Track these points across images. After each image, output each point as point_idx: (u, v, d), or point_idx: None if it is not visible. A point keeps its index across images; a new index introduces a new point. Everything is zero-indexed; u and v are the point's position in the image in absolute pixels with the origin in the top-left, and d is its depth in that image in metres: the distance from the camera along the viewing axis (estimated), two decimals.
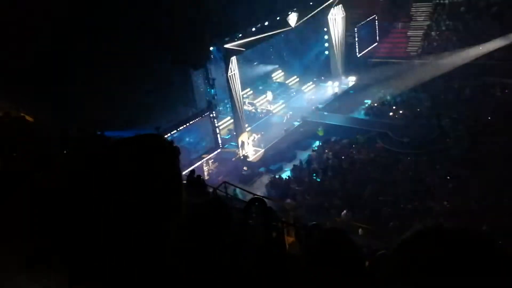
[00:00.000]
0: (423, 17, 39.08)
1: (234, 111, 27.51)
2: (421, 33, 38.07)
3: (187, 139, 25.84)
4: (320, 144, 28.63)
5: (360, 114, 32.34)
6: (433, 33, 37.54)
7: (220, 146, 27.61)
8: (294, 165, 26.32)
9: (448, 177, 22.62)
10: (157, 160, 1.38)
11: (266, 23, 27.86)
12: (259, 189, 24.36)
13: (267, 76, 36.81)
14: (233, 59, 26.22)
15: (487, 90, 31.17)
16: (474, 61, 32.41)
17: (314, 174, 25.04)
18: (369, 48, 38.15)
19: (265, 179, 25.66)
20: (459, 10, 37.70)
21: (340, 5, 33.39)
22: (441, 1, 38.86)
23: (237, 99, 27.09)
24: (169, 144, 1.46)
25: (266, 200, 6.80)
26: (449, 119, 28.40)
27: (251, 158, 27.74)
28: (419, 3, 39.66)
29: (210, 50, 25.55)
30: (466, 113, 28.89)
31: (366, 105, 32.81)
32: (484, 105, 29.34)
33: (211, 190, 14.06)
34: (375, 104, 32.44)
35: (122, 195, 1.25)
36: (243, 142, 27.75)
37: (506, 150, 24.15)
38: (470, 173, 22.68)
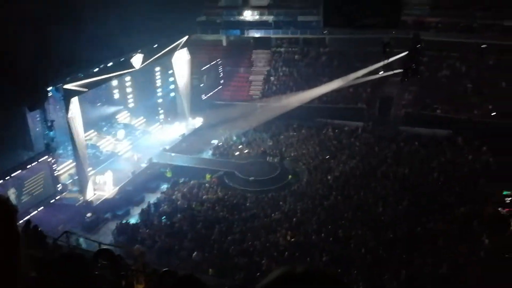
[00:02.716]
0: (262, 63, 41.90)
1: (76, 154, 25.95)
2: (262, 77, 40.69)
3: (22, 185, 23.58)
4: (169, 185, 28.37)
5: (207, 155, 32.97)
6: (272, 78, 40.38)
7: (61, 191, 25.70)
8: (142, 209, 25.60)
9: (291, 212, 23.99)
10: None
11: (110, 64, 27.24)
12: (106, 236, 23.12)
13: (112, 117, 35.71)
14: (74, 99, 24.95)
15: (320, 129, 34.25)
16: (309, 104, 35.53)
17: (164, 217, 24.63)
18: (214, 91, 39.51)
19: (112, 225, 24.44)
20: (294, 58, 41.32)
21: (185, 49, 34.16)
22: (278, 49, 42.20)
23: (79, 141, 25.65)
24: (4, 203, 1.36)
25: (113, 248, 6.50)
26: (279, 157, 30.49)
27: (96, 203, 26.27)
28: (259, 50, 42.54)
29: (48, 91, 23.98)
30: (304, 152, 31.32)
31: (213, 145, 33.62)
32: (320, 143, 32.20)
33: (51, 241, 12.94)
34: (222, 144, 33.42)
35: None
36: (86, 187, 26.23)
37: (337, 183, 26.63)
38: (311, 207, 24.40)
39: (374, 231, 21.44)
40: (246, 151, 32.52)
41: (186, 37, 33.49)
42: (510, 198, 22.48)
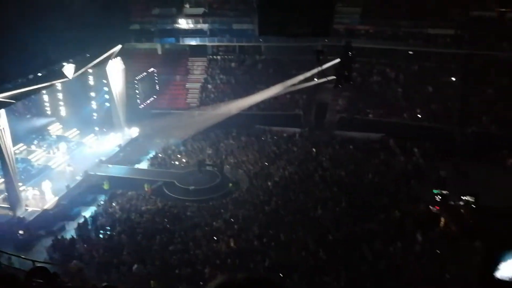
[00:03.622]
0: (199, 70, 41.77)
1: (4, 169, 24.67)
2: (199, 85, 40.53)
3: None
4: (106, 198, 27.55)
5: (145, 165, 32.36)
6: (209, 85, 40.31)
7: None
8: (78, 223, 24.67)
9: (232, 220, 24.00)
10: None
11: (40, 74, 26.12)
12: (40, 253, 22.08)
13: (43, 129, 34.28)
14: (2, 112, 23.72)
15: (259, 136, 34.57)
16: (247, 111, 35.79)
17: (101, 231, 23.86)
18: (150, 100, 38.87)
19: (46, 241, 23.36)
20: (231, 66, 41.50)
21: (119, 58, 33.41)
22: (214, 57, 42.25)
23: (8, 156, 24.37)
24: None
25: (48, 265, 6.26)
26: (213, 165, 30.50)
27: (29, 219, 25.03)
28: (195, 58, 42.37)
29: None
30: (244, 159, 31.47)
31: (151, 155, 33.05)
32: (260, 150, 32.49)
33: None
34: (160, 154, 32.92)
35: None
36: (17, 203, 24.96)
37: (277, 189, 26.97)
38: (252, 214, 24.54)
39: (314, 234, 21.86)
40: (185, 160, 32.23)
41: (119, 46, 32.79)
42: (440, 197, 23.62)
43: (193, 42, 41.77)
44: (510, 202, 23.51)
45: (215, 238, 22.16)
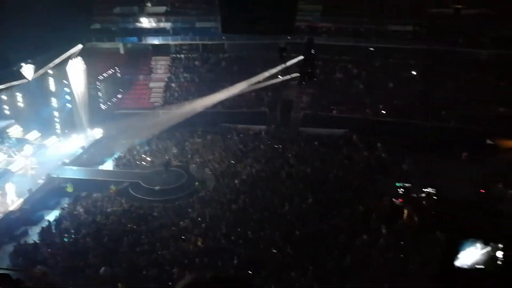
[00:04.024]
0: (162, 70, 41.40)
1: None
2: (162, 84, 40.17)
3: None
4: (70, 201, 26.99)
5: (110, 166, 31.87)
6: (173, 84, 40.01)
7: None
8: (42, 227, 24.09)
9: (199, 219, 23.93)
10: None
11: None
12: (1, 260, 21.45)
13: (2, 131, 33.24)
14: None
15: (225, 134, 34.55)
16: (212, 109, 35.72)
17: (66, 234, 23.38)
18: (113, 100, 38.27)
19: (8, 247, 22.71)
20: (195, 64, 41.31)
21: (80, 58, 32.73)
22: (178, 56, 41.96)
23: None
24: None
25: (11, 272, 6.13)
26: (180, 165, 30.40)
27: None
28: (158, 57, 41.98)
29: None
30: (210, 158, 31.42)
31: (116, 156, 32.57)
32: (226, 149, 32.49)
33: None
34: (125, 155, 32.48)
35: None
36: None
37: (244, 187, 27.05)
38: (219, 212, 24.53)
39: (281, 231, 22.04)
40: (151, 160, 31.91)
41: (80, 46, 32.11)
42: (402, 190, 24.19)
43: (155, 41, 41.38)
44: (468, 194, 24.42)
45: (183, 237, 22.06)
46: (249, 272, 18.68)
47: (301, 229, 22.08)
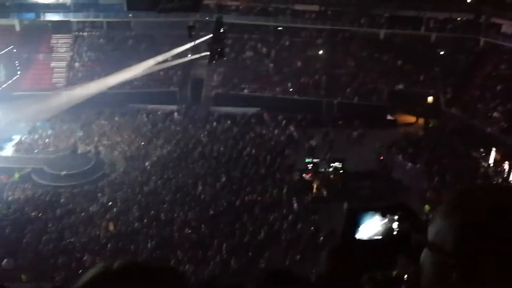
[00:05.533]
0: (64, 48, 39.10)
1: None
2: (65, 64, 38.00)
3: None
4: None
5: (9, 151, 29.80)
6: (76, 64, 38.00)
7: None
8: None
9: (110, 203, 23.24)
10: None
11: None
12: None
13: None
14: None
15: (134, 115, 33.56)
16: (120, 90, 34.36)
17: None
18: (10, 81, 35.56)
19: None
20: (99, 42, 39.45)
21: None
22: (81, 33, 39.80)
23: None
24: None
25: None
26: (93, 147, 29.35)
27: None
28: (59, 35, 39.53)
29: None
30: (119, 140, 30.49)
31: (15, 141, 30.49)
32: (135, 130, 31.65)
33: None
34: (25, 139, 30.51)
35: None
36: None
37: (156, 168, 26.62)
38: (131, 195, 23.98)
39: (195, 211, 22.04)
40: (55, 143, 30.27)
41: None
42: (311, 165, 25.15)
43: (55, 17, 38.86)
44: (370, 165, 26.01)
45: (94, 223, 21.34)
46: (164, 254, 18.56)
47: (215, 208, 22.23)
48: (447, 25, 37.30)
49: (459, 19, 37.43)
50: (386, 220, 1.54)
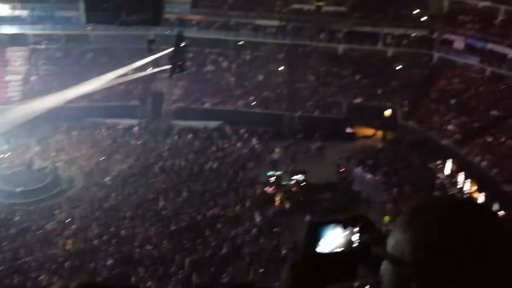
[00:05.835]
0: (19, 62, 38.03)
1: None
2: (20, 77, 36.95)
3: None
4: None
5: None
6: (32, 77, 37.03)
7: None
8: None
9: (68, 220, 22.63)
10: None
11: None
12: None
13: None
14: None
15: (93, 130, 32.88)
16: (78, 104, 33.58)
17: None
18: None
19: None
20: (56, 56, 38.61)
21: None
22: (37, 46, 38.83)
23: None
24: None
25: None
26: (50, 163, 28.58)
27: None
28: (14, 48, 38.42)
29: None
30: (77, 155, 29.79)
31: None
32: (94, 145, 30.97)
33: None
34: None
35: None
36: None
37: (116, 184, 26.13)
38: (89, 212, 23.43)
39: (157, 226, 21.72)
40: (10, 159, 29.26)
41: None
42: (274, 178, 25.26)
43: (10, 30, 37.79)
44: (331, 177, 26.35)
45: (50, 241, 20.69)
46: (125, 271, 18.17)
47: (177, 223, 21.97)
48: (403, 40, 38.45)
49: (414, 35, 38.65)
50: (347, 232, 1.56)
